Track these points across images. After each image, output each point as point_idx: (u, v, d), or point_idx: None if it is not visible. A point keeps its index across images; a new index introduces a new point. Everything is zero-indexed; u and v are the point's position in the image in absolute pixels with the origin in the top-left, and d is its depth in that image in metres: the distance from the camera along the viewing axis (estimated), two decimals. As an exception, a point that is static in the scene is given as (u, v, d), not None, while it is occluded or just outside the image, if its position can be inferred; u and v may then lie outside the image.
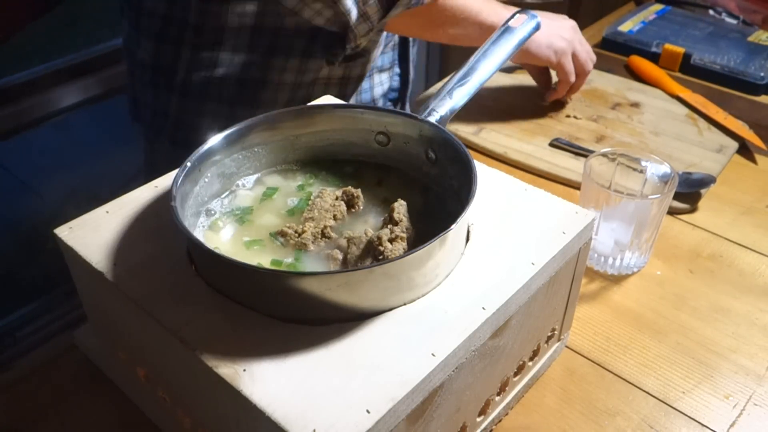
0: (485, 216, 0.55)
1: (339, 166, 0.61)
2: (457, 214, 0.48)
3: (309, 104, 0.63)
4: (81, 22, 2.09)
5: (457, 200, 0.54)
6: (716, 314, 0.69)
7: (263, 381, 0.42)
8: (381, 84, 1.03)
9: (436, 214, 0.56)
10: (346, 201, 0.57)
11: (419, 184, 0.59)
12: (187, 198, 0.53)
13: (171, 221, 0.47)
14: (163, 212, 0.52)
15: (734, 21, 1.31)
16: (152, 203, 0.56)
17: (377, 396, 0.41)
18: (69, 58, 1.60)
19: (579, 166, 0.88)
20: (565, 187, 0.87)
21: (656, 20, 1.28)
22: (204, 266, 0.49)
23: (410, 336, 0.45)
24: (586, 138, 0.95)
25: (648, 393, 0.60)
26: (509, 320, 0.50)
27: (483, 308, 0.47)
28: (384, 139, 0.60)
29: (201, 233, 0.54)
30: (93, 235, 0.53)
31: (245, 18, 0.84)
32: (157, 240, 0.52)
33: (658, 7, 1.33)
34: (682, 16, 1.30)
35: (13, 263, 1.65)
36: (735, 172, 0.90)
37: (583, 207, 0.57)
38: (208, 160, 0.55)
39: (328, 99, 0.71)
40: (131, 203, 0.56)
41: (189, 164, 0.52)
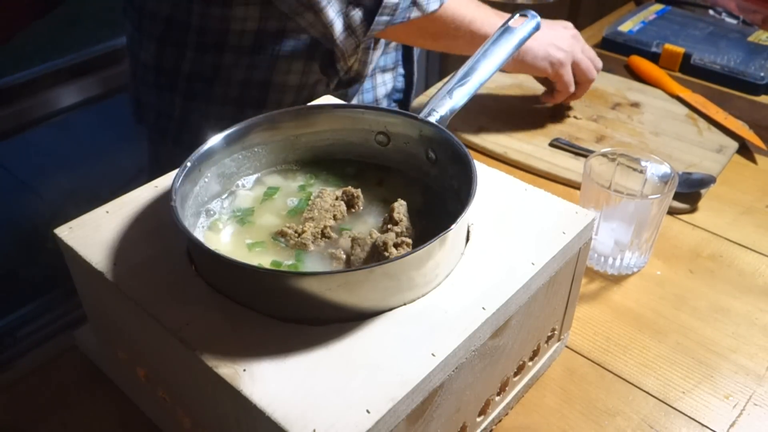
0: (485, 216, 0.55)
1: (339, 166, 0.62)
2: (457, 214, 0.48)
3: (309, 104, 0.63)
4: (81, 22, 2.09)
5: (457, 200, 0.54)
6: (716, 314, 0.69)
7: (263, 381, 0.42)
8: (384, 84, 1.03)
9: (436, 214, 0.56)
10: (346, 201, 0.57)
11: (419, 184, 0.59)
12: (187, 198, 0.53)
13: (171, 221, 0.47)
14: (163, 212, 0.52)
15: (734, 21, 1.31)
16: (152, 203, 0.56)
17: (377, 396, 0.41)
18: (69, 58, 1.60)
19: (579, 166, 0.88)
20: (565, 187, 0.87)
21: (656, 20, 1.28)
22: (204, 266, 0.49)
23: (410, 336, 0.45)
24: (586, 138, 0.95)
25: (648, 393, 0.60)
26: (509, 320, 0.50)
27: (483, 308, 0.47)
28: (384, 139, 0.60)
29: (201, 233, 0.54)
30: (93, 235, 0.53)
31: (248, 21, 0.84)
32: (157, 240, 0.52)
33: (658, 7, 1.33)
34: (682, 16, 1.30)
35: (13, 263, 1.65)
36: (735, 172, 0.90)
37: (583, 207, 0.57)
38: (208, 160, 0.55)
39: (329, 99, 0.71)
40: (131, 203, 0.56)
41: (189, 164, 0.52)
